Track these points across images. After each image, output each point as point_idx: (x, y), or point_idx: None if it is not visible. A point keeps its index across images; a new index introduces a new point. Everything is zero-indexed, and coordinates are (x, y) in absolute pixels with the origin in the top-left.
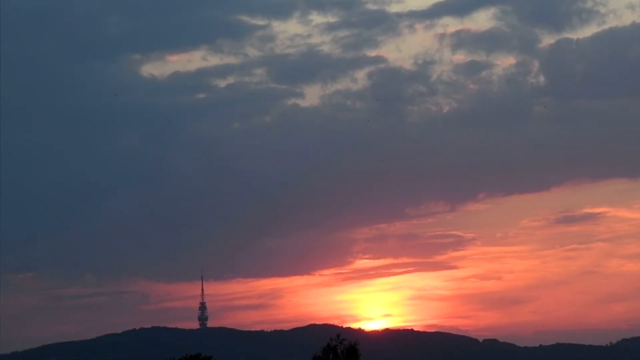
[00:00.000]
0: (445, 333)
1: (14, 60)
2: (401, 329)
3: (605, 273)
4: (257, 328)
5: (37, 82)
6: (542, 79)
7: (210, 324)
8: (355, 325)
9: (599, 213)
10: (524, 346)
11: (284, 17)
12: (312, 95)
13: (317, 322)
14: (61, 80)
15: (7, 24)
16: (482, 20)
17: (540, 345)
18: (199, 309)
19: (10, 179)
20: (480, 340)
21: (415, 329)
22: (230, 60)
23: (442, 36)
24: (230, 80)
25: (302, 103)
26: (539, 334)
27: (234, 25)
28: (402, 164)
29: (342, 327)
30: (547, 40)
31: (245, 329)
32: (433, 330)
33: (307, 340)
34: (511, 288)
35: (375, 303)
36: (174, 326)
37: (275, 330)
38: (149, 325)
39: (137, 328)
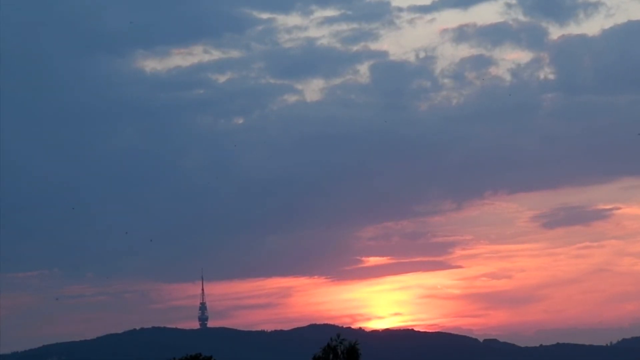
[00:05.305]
0: (445, 333)
1: (15, 55)
2: (402, 328)
3: (618, 271)
4: (258, 328)
5: (38, 77)
6: (550, 73)
7: (210, 324)
8: (362, 325)
9: (611, 210)
10: (525, 346)
11: (286, 11)
12: (313, 90)
13: (318, 322)
14: (62, 74)
15: (8, 18)
16: (486, 14)
17: (541, 345)
18: (199, 309)
19: (11, 176)
20: (481, 340)
21: (417, 329)
22: (232, 54)
23: (444, 30)
24: (231, 75)
25: (304, 98)
26: (540, 333)
27: (236, 19)
28: (407, 161)
29: (342, 327)
30: (554, 34)
31: (246, 329)
32: (434, 330)
33: (307, 340)
34: (522, 287)
35: (383, 302)
36: (174, 326)
37: (275, 331)
38: (149, 325)
39: (137, 328)
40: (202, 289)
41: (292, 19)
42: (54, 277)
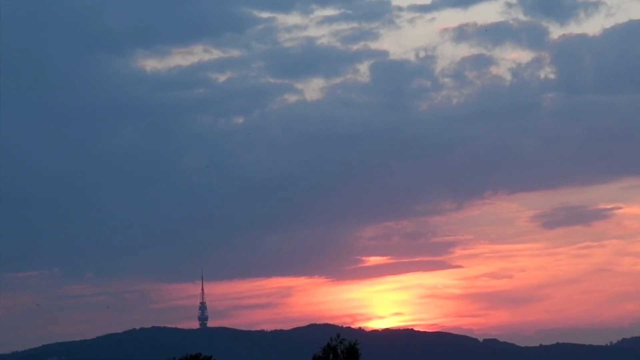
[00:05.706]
0: (445, 333)
1: (16, 54)
2: (402, 328)
3: (618, 271)
4: (258, 328)
5: (39, 76)
6: (551, 73)
7: (210, 323)
8: (362, 325)
9: (611, 210)
10: (524, 346)
11: (286, 10)
12: (314, 89)
13: (318, 322)
14: (63, 74)
15: (8, 18)
16: (486, 13)
17: (541, 345)
18: (199, 309)
19: (12, 176)
20: (481, 340)
21: (417, 328)
22: (232, 54)
23: (445, 30)
24: (231, 74)
25: (304, 97)
26: (540, 333)
27: (236, 19)
28: (407, 161)
29: (342, 327)
30: (555, 33)
31: (246, 329)
32: (434, 330)
33: (307, 341)
34: (522, 287)
35: (383, 302)
36: (174, 326)
37: (275, 330)
38: (149, 325)
39: (137, 328)
40: (202, 289)
41: (292, 18)
42: (54, 277)
